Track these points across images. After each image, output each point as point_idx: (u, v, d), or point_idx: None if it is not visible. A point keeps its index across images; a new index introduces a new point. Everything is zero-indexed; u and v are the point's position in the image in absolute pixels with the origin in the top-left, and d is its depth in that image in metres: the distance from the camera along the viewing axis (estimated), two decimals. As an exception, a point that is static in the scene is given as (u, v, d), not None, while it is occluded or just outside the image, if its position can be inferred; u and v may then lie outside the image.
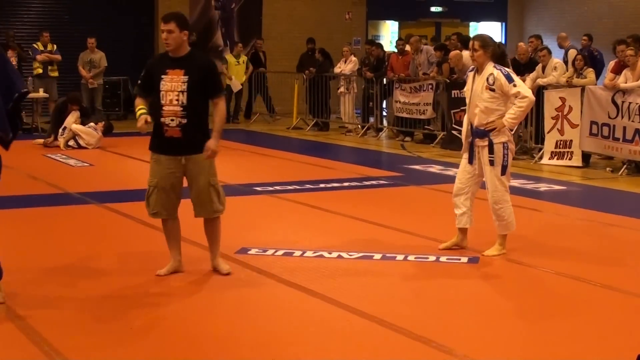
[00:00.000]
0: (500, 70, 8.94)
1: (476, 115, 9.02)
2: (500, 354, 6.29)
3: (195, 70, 8.04)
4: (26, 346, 6.36)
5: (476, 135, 9.10)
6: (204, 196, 8.22)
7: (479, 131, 9.05)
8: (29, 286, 7.88)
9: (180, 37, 8.05)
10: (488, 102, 8.94)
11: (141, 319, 7.04)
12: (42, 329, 6.65)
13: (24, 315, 7.00)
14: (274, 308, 7.37)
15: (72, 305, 7.38)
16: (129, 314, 7.16)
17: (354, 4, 29.16)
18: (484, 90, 8.94)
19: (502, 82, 8.86)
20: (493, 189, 9.10)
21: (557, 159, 16.19)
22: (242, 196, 12.74)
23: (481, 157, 9.12)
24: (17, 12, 25.38)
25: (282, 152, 18.19)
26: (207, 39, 27.08)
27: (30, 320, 6.88)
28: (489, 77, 8.92)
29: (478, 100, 8.98)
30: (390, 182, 14.23)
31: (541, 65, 17.02)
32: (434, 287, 8.09)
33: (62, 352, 6.19)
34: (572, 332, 6.81)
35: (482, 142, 9.06)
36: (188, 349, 6.35)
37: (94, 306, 7.36)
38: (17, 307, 7.20)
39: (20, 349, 6.32)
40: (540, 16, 30.54)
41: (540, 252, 9.36)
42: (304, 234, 10.17)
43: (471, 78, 9.18)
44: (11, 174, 14.84)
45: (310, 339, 6.57)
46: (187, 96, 7.97)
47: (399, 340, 6.53)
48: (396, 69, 20.67)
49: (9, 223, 10.79)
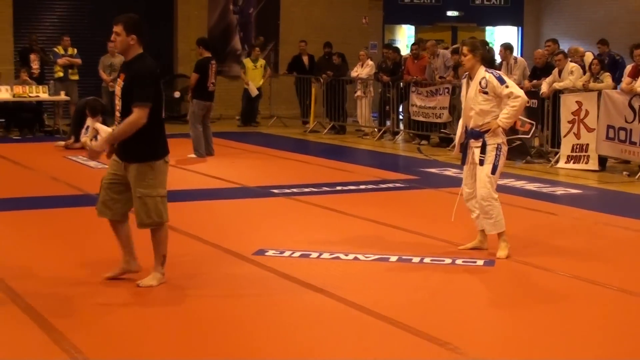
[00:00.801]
0: (492, 73, 9.16)
1: (471, 118, 9.16)
2: (514, 356, 6.27)
3: (129, 76, 7.76)
4: (47, 345, 6.38)
5: (471, 137, 9.23)
6: (135, 206, 7.83)
7: (474, 132, 9.19)
8: (51, 285, 7.89)
9: (127, 40, 7.77)
10: (482, 104, 9.09)
11: (156, 319, 7.05)
12: (65, 329, 6.67)
13: (46, 315, 7.02)
14: (291, 309, 7.37)
15: (92, 304, 7.40)
16: (144, 312, 7.17)
17: (370, 9, 29.11)
18: (478, 93, 9.09)
19: (495, 84, 9.02)
20: (481, 185, 9.15)
21: (573, 163, 16.13)
22: (259, 198, 12.76)
23: (474, 157, 9.21)
24: (40, 16, 25.43)
25: (299, 154, 18.20)
26: (225, 43, 27.10)
27: (52, 320, 6.90)
28: (482, 80, 9.08)
29: (473, 103, 9.13)
30: (407, 185, 14.21)
31: (557, 69, 16.96)
32: (450, 290, 8.07)
33: (83, 351, 6.20)
34: (587, 336, 6.79)
35: (476, 143, 9.18)
36: (204, 347, 6.35)
37: (114, 305, 7.38)
38: (39, 307, 7.23)
39: (42, 348, 6.34)
40: (556, 20, 30.44)
41: (557, 255, 9.33)
42: (321, 235, 10.15)
43: (465, 84, 9.37)
44: (33, 176, 14.97)
45: (326, 340, 6.57)
46: (122, 102, 7.75)
47: (414, 342, 6.52)
48: (412, 73, 20.65)
49: (30, 223, 10.83)
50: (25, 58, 22.52)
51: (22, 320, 6.97)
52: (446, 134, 19.73)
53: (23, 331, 6.71)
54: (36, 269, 8.49)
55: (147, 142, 7.74)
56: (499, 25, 31.62)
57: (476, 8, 30.84)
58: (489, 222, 9.19)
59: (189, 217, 11.18)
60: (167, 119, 25.45)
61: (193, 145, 17.19)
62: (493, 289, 8.22)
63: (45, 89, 21.68)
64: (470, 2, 30.74)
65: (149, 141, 7.76)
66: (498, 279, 8.55)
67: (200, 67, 17.16)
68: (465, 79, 9.41)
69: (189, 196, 12.88)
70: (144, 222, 7.83)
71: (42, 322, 6.88)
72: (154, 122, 7.73)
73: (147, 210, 7.77)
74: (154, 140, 7.80)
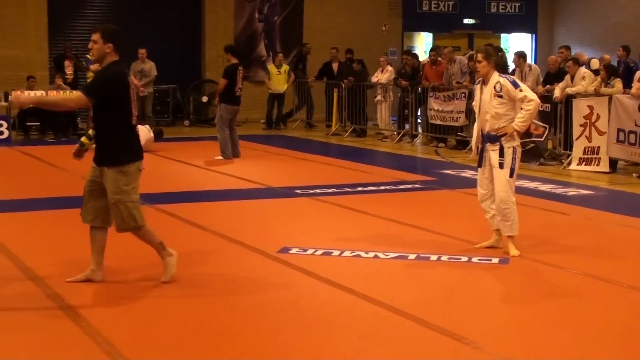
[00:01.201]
0: (506, 77, 9.18)
1: (487, 122, 9.16)
2: (529, 352, 6.26)
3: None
4: (84, 342, 6.41)
5: (487, 141, 9.21)
6: (112, 210, 7.77)
7: (490, 136, 9.17)
8: (84, 282, 7.93)
9: (103, 48, 7.69)
10: (497, 108, 9.09)
11: (183, 315, 7.07)
12: (100, 325, 6.70)
13: (82, 313, 7.06)
14: (313, 304, 7.38)
15: (125, 301, 7.44)
16: (170, 310, 7.19)
17: (390, 17, 29.10)
18: (492, 97, 9.09)
19: (509, 88, 9.03)
20: (500, 189, 9.13)
21: (585, 165, 16.08)
22: (283, 198, 12.77)
23: (490, 160, 9.19)
24: (74, 24, 25.51)
25: (321, 157, 18.20)
26: (251, 49, 27.15)
27: (88, 316, 6.94)
28: (496, 85, 9.08)
29: (488, 107, 9.13)
30: (425, 186, 14.20)
31: (569, 75, 16.92)
32: (466, 287, 8.06)
33: (118, 347, 6.24)
34: (598, 331, 6.77)
35: (493, 147, 9.16)
36: (230, 343, 6.37)
37: (146, 302, 7.41)
38: (74, 302, 7.27)
39: (78, 344, 6.38)
40: (569, 27, 30.35)
41: (569, 253, 9.30)
42: (342, 234, 10.15)
43: (479, 90, 9.35)
44: (65, 176, 15.01)
45: (348, 334, 6.57)
46: (93, 109, 7.75)
47: (432, 337, 6.52)
48: (430, 78, 20.65)
49: (64, 222, 10.87)
50: (59, 64, 22.64)
51: (57, 315, 7.01)
52: (463, 137, 19.70)
53: (57, 326, 6.75)
54: (68, 264, 8.53)
55: (119, 147, 7.66)
56: (514, 33, 31.54)
57: (492, 16, 30.81)
58: (506, 225, 9.17)
59: (216, 217, 11.22)
60: (195, 123, 25.65)
61: (220, 147, 17.23)
62: (508, 286, 8.21)
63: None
64: (486, 10, 30.73)
65: (121, 146, 7.68)
66: (512, 276, 8.53)
67: (228, 73, 17.20)
68: (478, 85, 9.40)
69: (216, 196, 12.93)
70: (121, 227, 7.79)
71: (75, 316, 6.92)
72: (124, 128, 7.70)
73: (122, 216, 7.71)
74: (126, 145, 7.71)
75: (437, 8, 30.08)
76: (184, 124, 25.36)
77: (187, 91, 25.77)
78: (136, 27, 25.44)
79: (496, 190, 9.17)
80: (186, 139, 21.98)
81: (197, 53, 26.95)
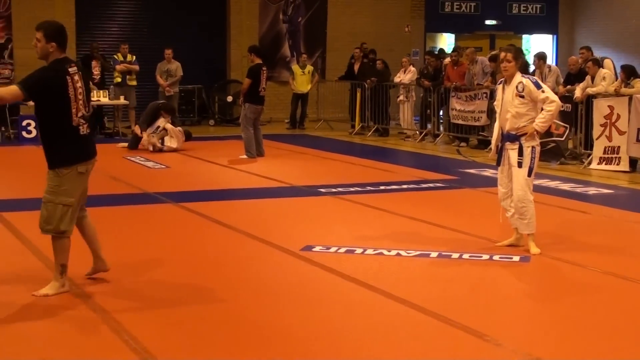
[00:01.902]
0: (529, 78, 9.19)
1: (507, 121, 9.16)
2: (550, 349, 6.25)
3: None
4: (110, 338, 6.44)
5: (507, 140, 9.22)
6: (41, 209, 7.44)
7: (510, 135, 9.18)
8: (112, 280, 7.97)
9: (47, 47, 7.32)
10: (518, 107, 9.09)
11: (208, 313, 7.09)
12: (127, 323, 6.73)
13: (108, 309, 7.09)
14: (337, 302, 7.38)
15: (151, 297, 7.47)
16: (198, 309, 7.21)
17: (412, 18, 29.09)
18: (514, 97, 9.10)
19: (532, 89, 9.04)
20: (518, 187, 9.15)
21: (605, 164, 16.03)
22: (307, 197, 12.79)
23: (509, 159, 9.21)
24: (101, 25, 25.64)
25: (344, 156, 18.20)
26: (275, 50, 27.19)
27: (114, 314, 6.97)
28: (518, 85, 9.09)
29: (509, 106, 9.13)
30: (447, 185, 14.18)
31: (589, 76, 16.88)
32: (488, 284, 8.04)
33: (148, 348, 6.26)
34: (619, 328, 6.76)
35: (512, 146, 9.18)
36: (256, 342, 6.38)
37: (174, 300, 7.44)
38: (102, 301, 7.30)
39: (104, 340, 6.41)
40: (590, 28, 30.23)
41: (589, 251, 9.28)
42: (365, 232, 10.16)
43: (500, 89, 9.34)
44: (94, 175, 15.00)
45: (370, 332, 6.57)
46: (35, 110, 7.45)
47: (454, 334, 6.51)
48: (452, 79, 20.63)
49: (92, 220, 10.91)
50: (87, 64, 22.72)
51: (84, 312, 7.05)
52: (484, 137, 19.66)
53: (85, 324, 6.78)
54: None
55: (53, 151, 7.38)
56: (535, 34, 31.47)
57: (513, 17, 30.75)
58: (523, 222, 9.19)
59: (241, 215, 11.24)
60: (220, 122, 25.72)
61: (245, 146, 17.26)
62: (529, 284, 8.20)
63: (105, 94, 21.88)
64: (507, 11, 30.68)
65: (55, 150, 7.37)
66: (533, 274, 8.52)
67: (252, 73, 17.23)
68: (500, 85, 9.39)
69: (240, 195, 12.95)
70: (44, 227, 7.44)
71: (105, 315, 6.96)
72: (62, 129, 7.35)
73: (48, 217, 7.37)
74: (59, 149, 7.36)
75: (460, 9, 30.05)
76: (209, 123, 25.44)
77: (212, 91, 25.83)
78: (162, 27, 25.58)
79: (514, 188, 9.18)
80: (211, 138, 22.01)
81: (222, 53, 27.02)
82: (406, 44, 28.20)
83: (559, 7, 31.31)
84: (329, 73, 27.14)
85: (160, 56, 22.99)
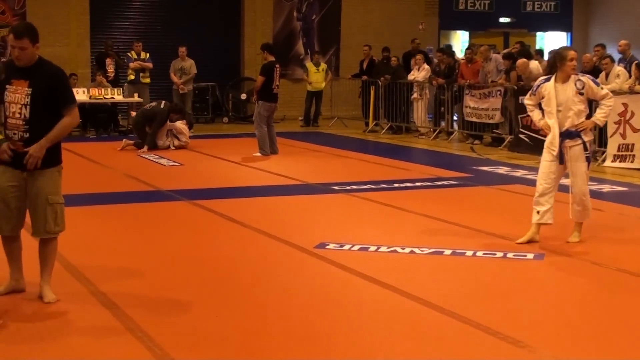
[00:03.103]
0: (587, 76, 9.51)
1: (569, 118, 9.30)
2: (565, 346, 6.23)
3: (41, 82, 6.99)
4: (124, 336, 6.45)
5: (567, 137, 9.34)
6: (39, 214, 7.09)
7: (572, 133, 9.33)
8: (125, 277, 7.98)
9: (34, 52, 6.99)
10: (578, 105, 9.29)
11: (222, 311, 7.09)
12: (140, 320, 6.74)
13: (119, 305, 7.10)
14: (350, 299, 7.37)
15: (166, 297, 7.48)
16: (212, 307, 7.21)
17: (426, 15, 29.05)
18: (575, 94, 9.27)
19: (592, 86, 9.35)
20: (582, 182, 9.44)
21: (619, 162, 15.98)
22: (320, 194, 12.78)
23: (570, 155, 9.36)
24: (115, 23, 25.70)
25: (358, 153, 18.20)
26: (289, 48, 27.21)
27: (125, 309, 6.98)
28: (577, 82, 9.29)
29: (572, 104, 9.28)
30: (460, 182, 14.15)
31: (604, 73, 16.83)
32: (502, 282, 8.03)
33: (157, 341, 6.27)
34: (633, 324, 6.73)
35: (573, 142, 9.34)
36: (269, 337, 6.38)
37: (187, 297, 7.44)
38: (116, 299, 7.31)
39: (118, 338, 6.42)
40: (604, 26, 30.14)
41: (603, 249, 9.25)
42: (379, 230, 10.15)
43: (551, 88, 9.35)
44: (109, 173, 15.11)
45: (384, 329, 6.56)
46: (30, 110, 6.94)
47: (467, 331, 6.49)
48: (466, 76, 20.60)
49: (108, 217, 10.95)
50: (101, 62, 22.80)
51: (100, 311, 7.06)
52: (498, 134, 19.65)
53: (100, 322, 6.78)
54: (113, 259, 8.60)
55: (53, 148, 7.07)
56: (549, 31, 31.38)
57: (527, 14, 30.68)
58: (584, 213, 9.53)
59: (254, 212, 11.24)
60: (234, 120, 25.78)
61: (258, 144, 17.27)
62: (543, 281, 8.17)
63: (119, 91, 21.94)
64: (521, 9, 30.60)
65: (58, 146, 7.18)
66: (547, 271, 8.50)
67: (265, 70, 17.22)
68: (547, 84, 9.38)
69: (254, 192, 12.95)
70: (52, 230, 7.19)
71: (121, 315, 6.96)
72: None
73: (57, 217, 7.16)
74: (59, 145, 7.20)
75: (474, 7, 29.99)
76: (223, 121, 25.45)
77: (226, 89, 25.85)
78: (176, 25, 25.62)
79: (576, 183, 9.42)
80: (225, 135, 22.03)
81: (236, 51, 27.04)
82: (420, 41, 28.15)
83: (573, 4, 31.21)
84: (342, 70, 27.13)
85: (174, 54, 23.04)
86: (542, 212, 9.41)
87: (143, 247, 9.28)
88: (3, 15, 24.25)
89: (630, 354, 6.11)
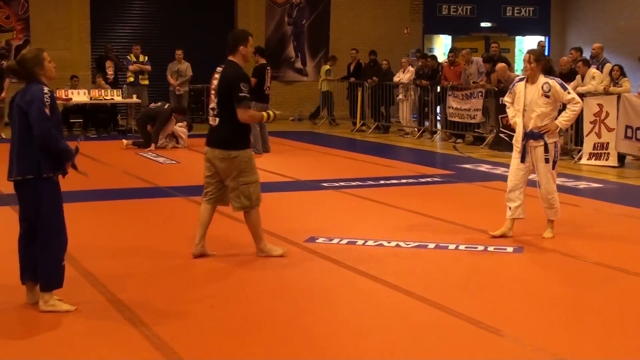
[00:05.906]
0: (554, 79, 9.30)
1: (532, 120, 9.24)
2: (544, 334, 6.23)
3: None
4: (134, 336, 6.43)
5: (531, 137, 9.31)
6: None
7: (534, 134, 9.27)
8: (125, 272, 7.96)
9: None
10: (543, 107, 9.20)
11: (216, 305, 7.08)
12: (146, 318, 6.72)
13: (125, 302, 7.08)
14: (339, 291, 7.38)
15: (166, 290, 7.46)
16: (207, 301, 7.20)
17: (412, 20, 29.08)
18: (540, 97, 9.18)
19: (558, 90, 9.19)
20: (546, 181, 9.35)
21: (594, 160, 16.01)
22: (310, 191, 12.78)
23: (534, 156, 9.32)
24: (115, 27, 25.65)
25: (346, 152, 18.20)
26: (280, 51, 27.22)
27: (132, 307, 6.96)
28: (544, 85, 9.19)
29: (535, 106, 9.22)
30: (444, 179, 14.17)
31: (580, 75, 16.88)
32: (483, 273, 8.04)
33: (162, 337, 6.25)
34: (609, 315, 6.74)
35: (536, 143, 9.29)
36: (258, 329, 6.37)
37: (189, 290, 7.43)
38: (121, 295, 7.29)
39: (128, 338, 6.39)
40: (581, 30, 30.20)
41: (580, 243, 9.28)
42: (366, 225, 10.16)
43: (521, 88, 9.36)
44: (108, 171, 15.08)
45: (370, 318, 6.57)
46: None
47: (450, 321, 6.50)
48: (449, 78, 20.62)
49: (107, 212, 10.94)
50: (101, 64, 22.76)
51: (107, 308, 7.03)
52: (479, 133, 19.68)
53: (106, 319, 6.74)
54: (112, 253, 8.58)
55: None
56: (528, 35, 31.42)
57: (507, 19, 30.75)
58: (551, 211, 9.48)
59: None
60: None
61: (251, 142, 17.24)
62: (522, 273, 8.18)
63: (119, 93, 21.93)
64: (502, 14, 30.67)
65: None
66: (527, 264, 8.52)
67: (257, 72, 17.20)
68: (519, 83, 9.41)
69: (247, 189, 12.92)
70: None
71: (125, 310, 6.94)
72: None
73: None
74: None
75: (456, 12, 30.04)
76: (218, 121, 25.38)
77: (220, 90, 25.77)
78: (174, 29, 25.58)
79: (542, 182, 9.36)
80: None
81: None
82: (405, 45, 28.17)
83: (551, 10, 31.29)
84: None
85: (171, 57, 22.99)
86: (513, 208, 9.44)
87: (142, 243, 9.26)
88: (7, 19, 24.19)
89: (604, 341, 6.12)
